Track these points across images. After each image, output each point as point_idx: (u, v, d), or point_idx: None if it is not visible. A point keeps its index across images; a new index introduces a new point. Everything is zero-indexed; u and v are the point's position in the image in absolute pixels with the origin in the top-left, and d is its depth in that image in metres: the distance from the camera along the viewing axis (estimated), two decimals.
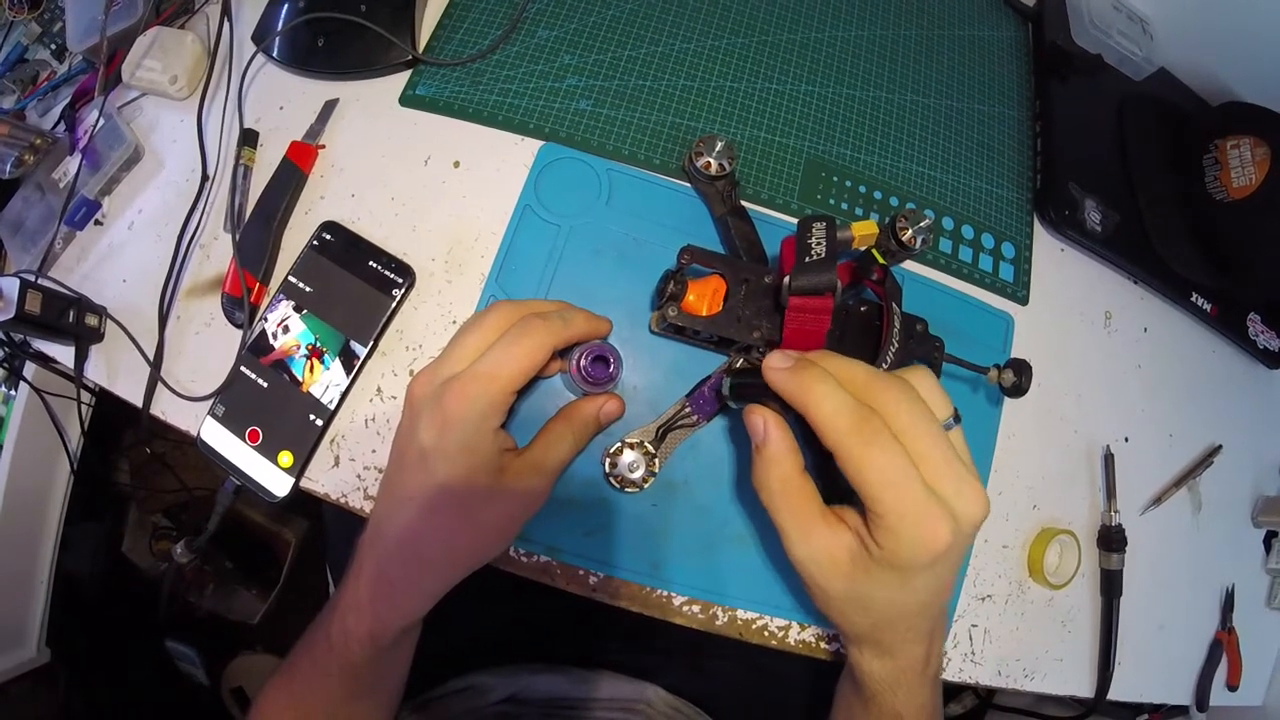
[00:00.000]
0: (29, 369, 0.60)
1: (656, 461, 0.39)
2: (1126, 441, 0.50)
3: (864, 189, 0.47)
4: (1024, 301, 0.49)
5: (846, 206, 0.47)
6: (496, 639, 0.54)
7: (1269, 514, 0.55)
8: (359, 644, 0.33)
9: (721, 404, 0.39)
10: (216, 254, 0.43)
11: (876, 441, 0.26)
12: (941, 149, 0.51)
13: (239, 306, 0.40)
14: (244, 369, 0.39)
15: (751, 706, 0.55)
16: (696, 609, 0.40)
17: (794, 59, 0.50)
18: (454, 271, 0.42)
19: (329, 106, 0.44)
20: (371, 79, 0.45)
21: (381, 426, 0.40)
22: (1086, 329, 0.51)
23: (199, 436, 0.39)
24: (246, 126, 0.43)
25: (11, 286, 0.38)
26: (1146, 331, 0.53)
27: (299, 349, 0.39)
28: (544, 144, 0.44)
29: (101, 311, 0.42)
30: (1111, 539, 0.47)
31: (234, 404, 0.39)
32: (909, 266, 0.46)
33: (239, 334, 0.40)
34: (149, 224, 0.44)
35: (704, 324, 0.36)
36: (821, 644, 0.41)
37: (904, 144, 0.50)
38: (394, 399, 0.40)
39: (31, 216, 0.46)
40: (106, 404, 0.60)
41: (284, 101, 0.45)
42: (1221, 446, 0.53)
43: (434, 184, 0.43)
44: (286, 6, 0.45)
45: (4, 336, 0.45)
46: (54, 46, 0.51)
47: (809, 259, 0.32)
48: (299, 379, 0.39)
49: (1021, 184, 0.52)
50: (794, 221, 0.45)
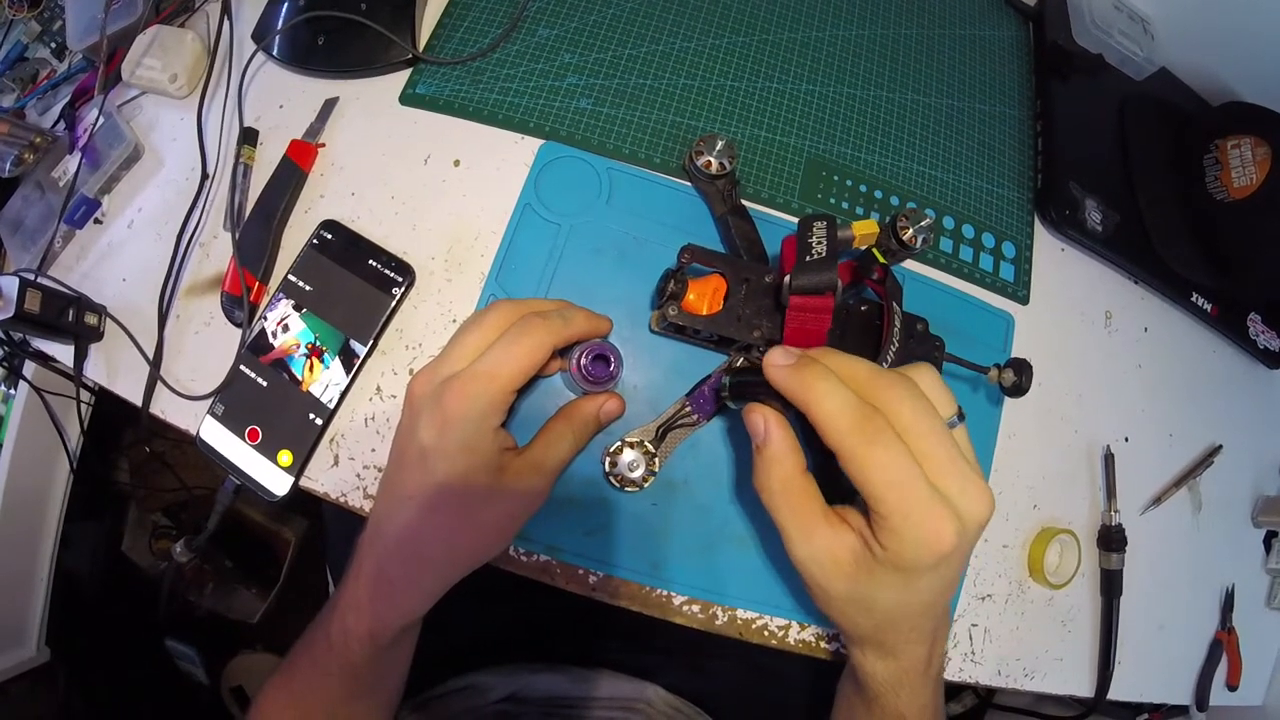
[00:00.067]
0: (28, 368, 0.60)
1: (656, 461, 0.39)
2: (1127, 441, 0.50)
3: (865, 188, 0.47)
4: (1024, 301, 0.49)
5: (847, 206, 0.47)
6: (496, 638, 0.54)
7: (1269, 514, 0.55)
8: (359, 643, 0.33)
9: (721, 404, 0.39)
10: (216, 253, 0.43)
11: (879, 440, 0.26)
12: (942, 148, 0.50)
13: (238, 305, 0.40)
14: (243, 368, 0.39)
15: (751, 706, 0.55)
16: (696, 608, 0.40)
17: (795, 58, 0.50)
18: (454, 270, 0.42)
19: (329, 105, 0.44)
20: (372, 77, 0.45)
21: (381, 425, 0.40)
22: (1087, 329, 0.51)
23: (198, 435, 0.39)
24: (246, 125, 0.43)
25: (11, 285, 0.37)
26: (1147, 331, 0.53)
27: (299, 348, 0.39)
28: (544, 143, 0.44)
29: (101, 310, 0.42)
30: (1111, 539, 0.47)
31: (233, 403, 0.39)
32: (909, 266, 0.46)
33: (238, 333, 0.40)
34: (149, 222, 0.44)
35: (704, 323, 0.36)
36: (821, 643, 0.41)
37: (905, 143, 0.50)
38: (394, 398, 0.40)
39: (31, 215, 0.46)
40: (106, 403, 0.60)
41: (284, 100, 0.45)
42: (1221, 446, 0.53)
43: (434, 183, 0.43)
44: (286, 5, 0.45)
45: (3, 335, 0.45)
46: (54, 45, 0.51)
47: (809, 258, 0.32)
48: (299, 378, 0.39)
49: (1022, 183, 0.52)
50: (794, 220, 0.45)
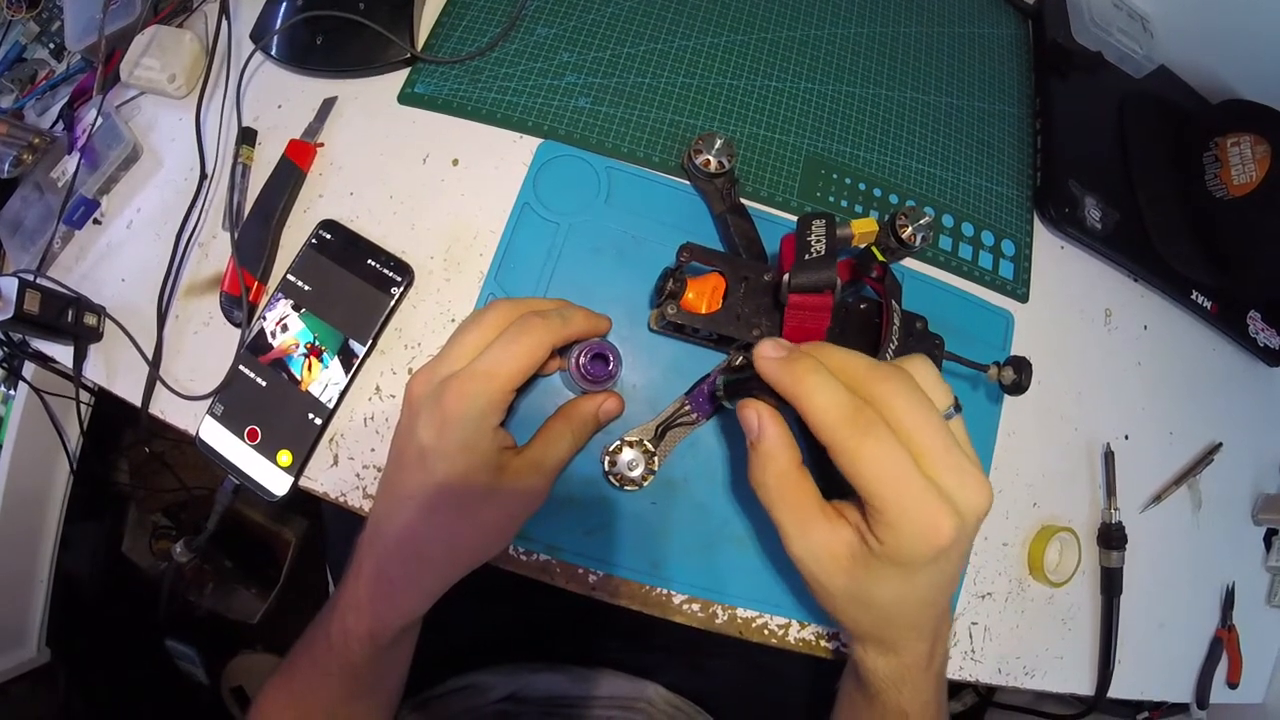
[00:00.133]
0: (28, 369, 0.60)
1: (656, 460, 0.39)
2: (1127, 439, 0.50)
3: (864, 186, 0.47)
4: (1024, 299, 0.49)
5: (846, 204, 0.47)
6: (496, 638, 0.54)
7: (1269, 512, 0.55)
8: (359, 643, 0.33)
9: (718, 403, 0.39)
10: (215, 253, 0.43)
11: (871, 433, 0.25)
12: (941, 146, 0.50)
13: (237, 305, 0.40)
14: (243, 368, 0.39)
15: (751, 705, 0.55)
16: (696, 607, 0.40)
17: (793, 56, 0.50)
18: (453, 269, 0.42)
19: (327, 105, 0.44)
20: (370, 77, 0.45)
21: (380, 425, 0.40)
22: (1086, 326, 0.51)
23: (198, 436, 0.39)
24: (245, 125, 0.43)
25: (10, 286, 0.37)
26: (1146, 329, 0.53)
27: (298, 348, 0.39)
28: (543, 142, 0.44)
29: (100, 311, 0.42)
30: (1112, 537, 0.47)
31: (233, 403, 0.39)
32: (909, 264, 0.46)
33: (238, 333, 0.40)
34: (147, 223, 0.44)
35: (703, 322, 0.36)
36: (821, 642, 0.41)
37: (904, 141, 0.50)
38: (393, 397, 0.40)
39: (30, 216, 0.46)
40: (105, 403, 0.60)
41: (282, 100, 0.45)
42: (1222, 444, 0.53)
43: (433, 182, 0.43)
44: (285, 5, 0.45)
45: (3, 336, 0.45)
46: (52, 45, 0.51)
47: (808, 256, 0.32)
48: (298, 378, 0.39)
49: (1021, 181, 0.52)
50: (793, 219, 0.44)
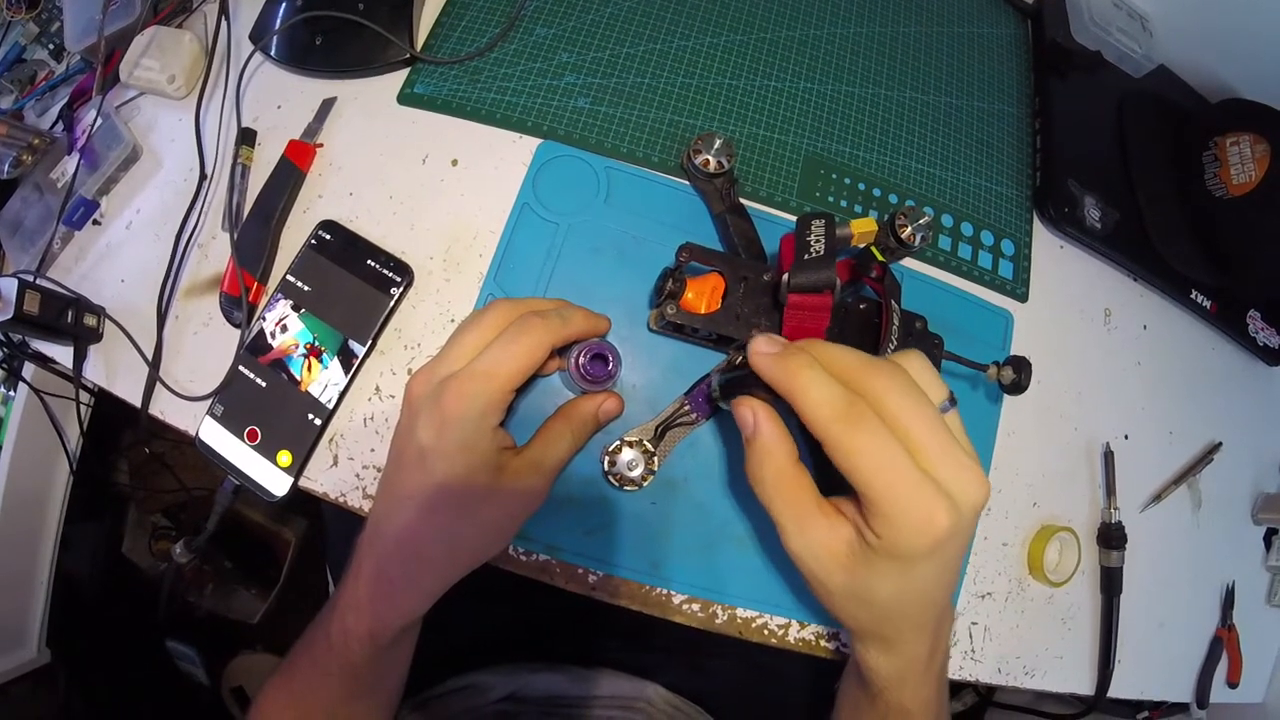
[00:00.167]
0: (28, 369, 0.60)
1: (655, 460, 0.39)
2: (1126, 439, 0.50)
3: (863, 186, 0.47)
4: (1023, 299, 0.49)
5: (845, 204, 0.47)
6: (496, 638, 0.54)
7: (1269, 511, 0.55)
8: (359, 643, 0.33)
9: (717, 405, 0.39)
10: (215, 253, 0.43)
11: (864, 426, 0.25)
12: (941, 146, 0.50)
13: (237, 306, 0.40)
14: (242, 368, 0.39)
15: (751, 705, 0.55)
16: (696, 607, 0.40)
17: (793, 56, 0.50)
18: (452, 270, 0.42)
19: (327, 105, 0.44)
20: (369, 77, 0.45)
21: (380, 425, 0.40)
22: (1086, 326, 0.51)
23: (198, 436, 0.39)
24: (244, 125, 0.43)
25: (10, 287, 0.37)
26: (1146, 329, 0.53)
27: (297, 348, 0.39)
28: (542, 142, 0.44)
29: (100, 311, 0.42)
30: (1111, 536, 0.47)
31: (232, 403, 0.39)
32: (908, 264, 0.46)
33: (237, 333, 0.40)
34: (147, 223, 0.44)
35: (703, 322, 0.36)
36: (821, 642, 0.41)
37: (903, 141, 0.50)
38: (392, 398, 0.40)
39: (30, 216, 0.46)
40: (105, 404, 0.60)
41: (282, 100, 0.45)
42: (1221, 444, 0.53)
43: (432, 182, 0.43)
44: (284, 5, 0.45)
45: (3, 337, 0.45)
46: (52, 46, 0.51)
47: (808, 256, 0.32)
48: (297, 378, 0.39)
49: (1021, 181, 0.52)
50: (793, 219, 0.44)
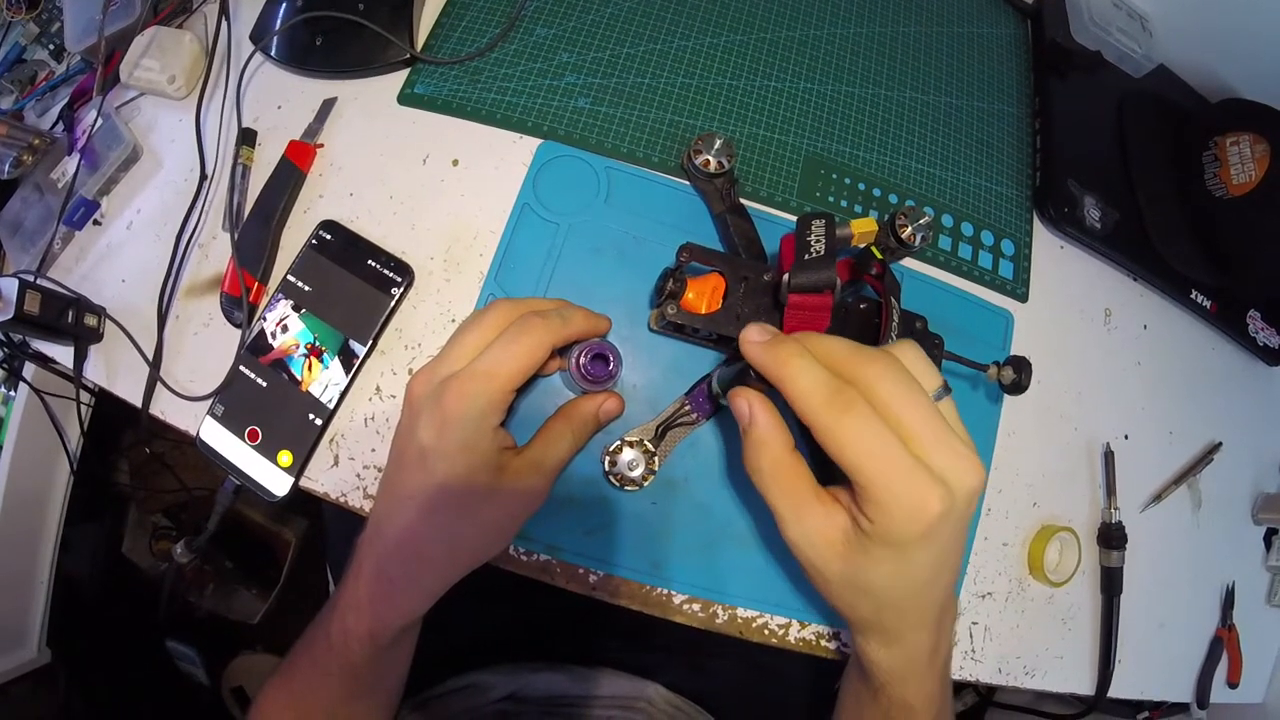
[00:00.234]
0: (28, 369, 0.60)
1: (656, 460, 0.39)
2: (1126, 439, 0.50)
3: (863, 186, 0.47)
4: (1023, 299, 0.49)
5: (846, 204, 0.47)
6: (496, 637, 0.54)
7: (1269, 511, 0.55)
8: (359, 643, 0.33)
9: (718, 403, 0.39)
10: (215, 253, 0.43)
11: (852, 411, 0.25)
12: (941, 146, 0.50)
13: (238, 306, 0.40)
14: (243, 368, 0.39)
15: (752, 705, 0.55)
16: (696, 607, 0.40)
17: (793, 56, 0.50)
18: (453, 270, 0.42)
19: (327, 105, 0.44)
20: (369, 78, 0.45)
21: (381, 425, 0.40)
22: (1086, 326, 0.51)
23: (198, 436, 0.39)
24: (245, 126, 0.43)
25: (10, 287, 0.37)
26: (1146, 329, 0.53)
27: (298, 348, 0.39)
28: (542, 142, 0.44)
29: (100, 311, 0.42)
30: (1111, 536, 0.47)
31: (233, 403, 0.39)
32: (908, 264, 0.46)
33: (238, 333, 0.40)
34: (147, 224, 0.44)
35: (703, 322, 0.36)
36: (822, 642, 0.41)
37: (903, 141, 0.50)
38: (393, 398, 0.40)
39: (30, 217, 0.46)
40: (106, 404, 0.60)
41: (282, 100, 0.45)
42: (1221, 444, 0.53)
43: (432, 182, 0.43)
44: (284, 5, 0.45)
45: (3, 337, 0.45)
46: (52, 46, 0.51)
47: (808, 256, 0.32)
48: (298, 378, 0.39)
49: (1021, 181, 0.52)
50: (793, 219, 0.44)
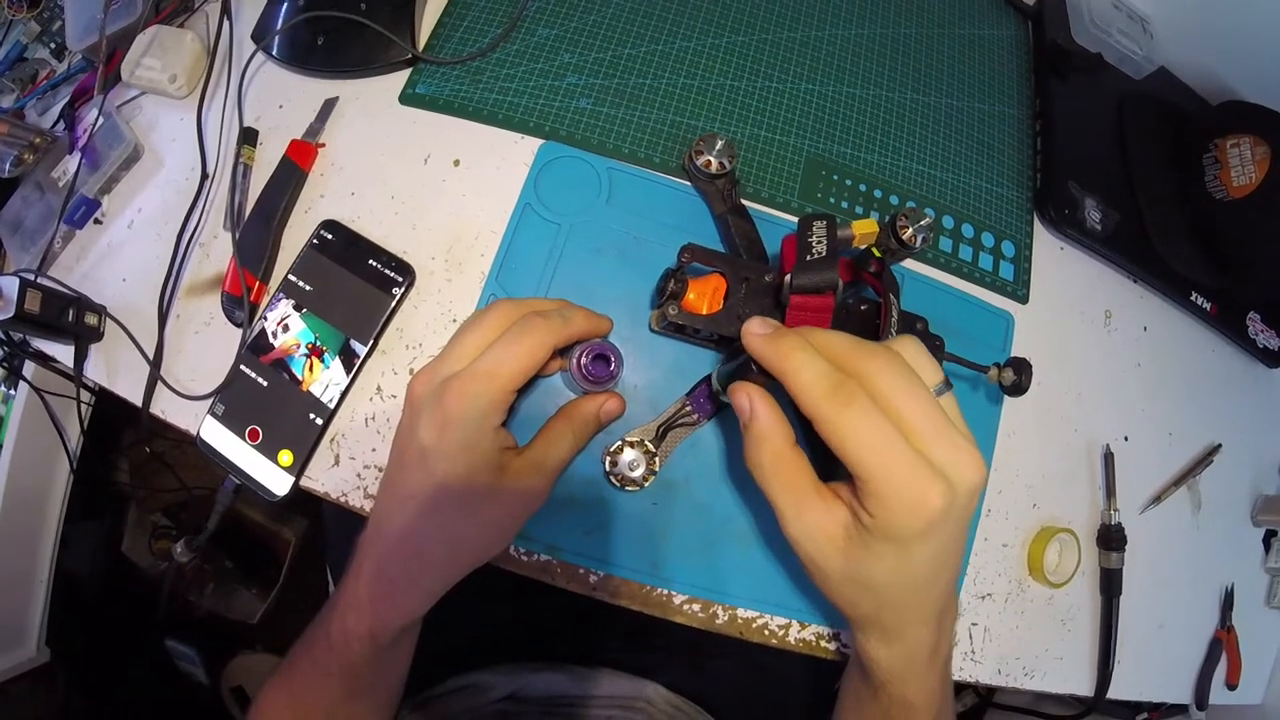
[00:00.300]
0: (28, 368, 0.60)
1: (657, 460, 0.39)
2: (1126, 440, 0.50)
3: (864, 187, 0.47)
4: (1024, 300, 0.49)
5: (847, 205, 0.47)
6: (496, 637, 0.54)
7: (1268, 513, 0.55)
8: (359, 643, 0.33)
9: (721, 402, 0.39)
10: (216, 253, 0.43)
11: (854, 405, 0.25)
12: (942, 147, 0.50)
13: (239, 305, 0.40)
14: (244, 368, 0.39)
15: (752, 705, 0.55)
16: (697, 607, 0.40)
17: (794, 57, 0.50)
18: (454, 270, 0.42)
19: (329, 105, 0.44)
20: (371, 77, 0.45)
21: (382, 425, 0.40)
22: (1086, 328, 0.51)
23: (199, 435, 0.39)
24: (246, 125, 0.43)
25: (11, 285, 0.37)
26: (1146, 330, 0.53)
27: (299, 348, 0.39)
28: (544, 142, 0.44)
29: (101, 310, 0.42)
30: (1111, 538, 0.47)
31: (234, 403, 0.39)
32: (909, 265, 0.46)
33: (239, 333, 0.40)
34: (148, 223, 0.44)
35: (704, 322, 0.36)
36: (822, 642, 0.41)
37: (904, 142, 0.50)
38: (394, 398, 0.40)
39: (31, 215, 0.46)
40: (106, 403, 0.60)
41: (283, 100, 0.45)
42: (1221, 445, 0.53)
43: (434, 182, 0.43)
44: (286, 5, 0.45)
45: (3, 336, 0.45)
46: (53, 45, 0.51)
47: (810, 257, 0.32)
48: (299, 378, 0.39)
49: (1021, 182, 0.52)
50: (794, 220, 0.45)
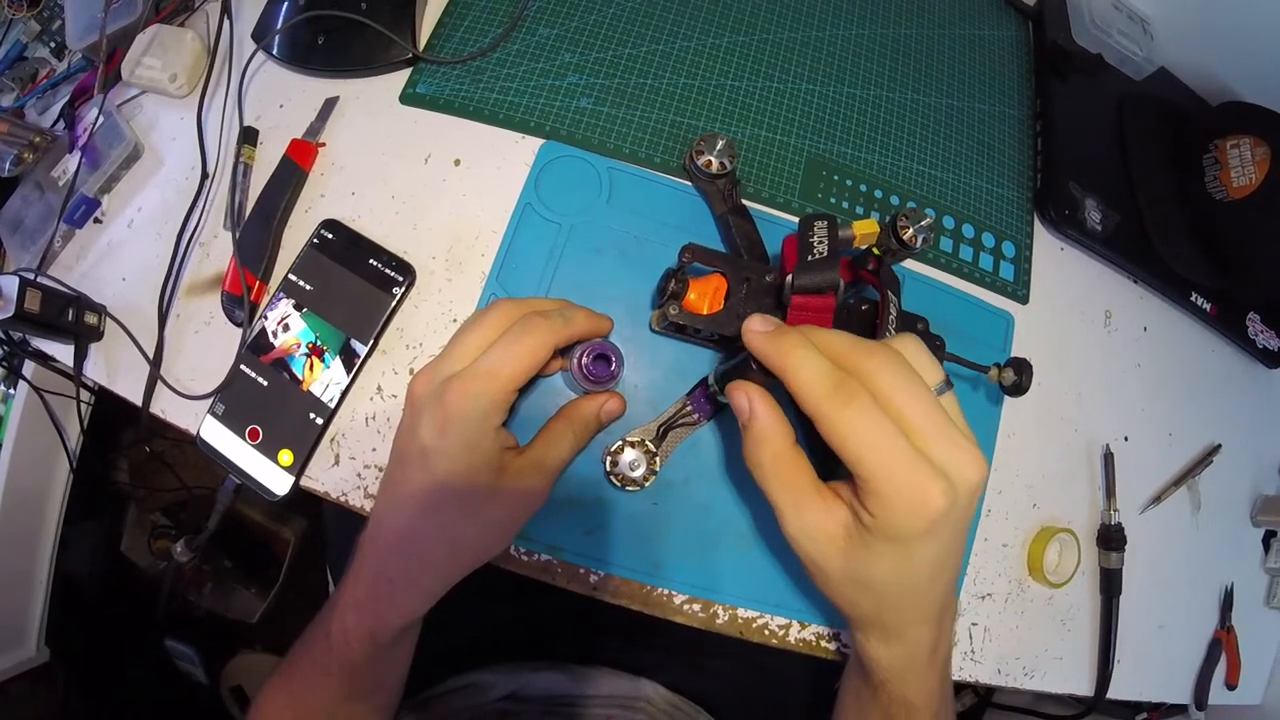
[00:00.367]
0: (28, 367, 0.59)
1: (657, 460, 0.39)
2: (1126, 440, 0.50)
3: (865, 188, 0.47)
4: (1024, 300, 0.49)
5: (847, 205, 0.47)
6: (496, 637, 0.54)
7: (1268, 513, 0.55)
8: (359, 643, 0.33)
9: (719, 403, 0.39)
10: (216, 252, 0.43)
11: (855, 403, 0.25)
12: (942, 148, 0.50)
13: (239, 305, 0.40)
14: (244, 367, 0.39)
15: (752, 705, 0.55)
16: (697, 607, 0.40)
17: (795, 57, 0.50)
18: (454, 270, 0.42)
19: (329, 104, 0.44)
20: (372, 77, 0.45)
21: (382, 425, 0.40)
22: (1086, 328, 0.51)
23: (199, 435, 0.39)
24: (246, 124, 0.43)
25: (11, 285, 0.37)
26: (1146, 331, 0.53)
27: (299, 347, 0.39)
28: (545, 142, 0.44)
29: (101, 310, 0.42)
30: (1111, 538, 0.47)
31: (234, 402, 0.39)
32: (910, 265, 0.46)
33: (239, 332, 0.40)
34: (148, 222, 0.44)
35: (705, 322, 0.36)
36: (822, 642, 0.41)
37: (905, 143, 0.50)
38: (394, 397, 0.40)
39: (30, 215, 0.45)
40: (106, 402, 0.60)
41: (284, 99, 0.45)
42: (1221, 446, 0.53)
43: (434, 182, 0.43)
44: (286, 4, 0.45)
45: (3, 335, 0.45)
46: (53, 44, 0.51)
47: (811, 257, 0.32)
48: (299, 377, 0.39)
49: (1022, 183, 0.52)
50: (795, 220, 0.45)
